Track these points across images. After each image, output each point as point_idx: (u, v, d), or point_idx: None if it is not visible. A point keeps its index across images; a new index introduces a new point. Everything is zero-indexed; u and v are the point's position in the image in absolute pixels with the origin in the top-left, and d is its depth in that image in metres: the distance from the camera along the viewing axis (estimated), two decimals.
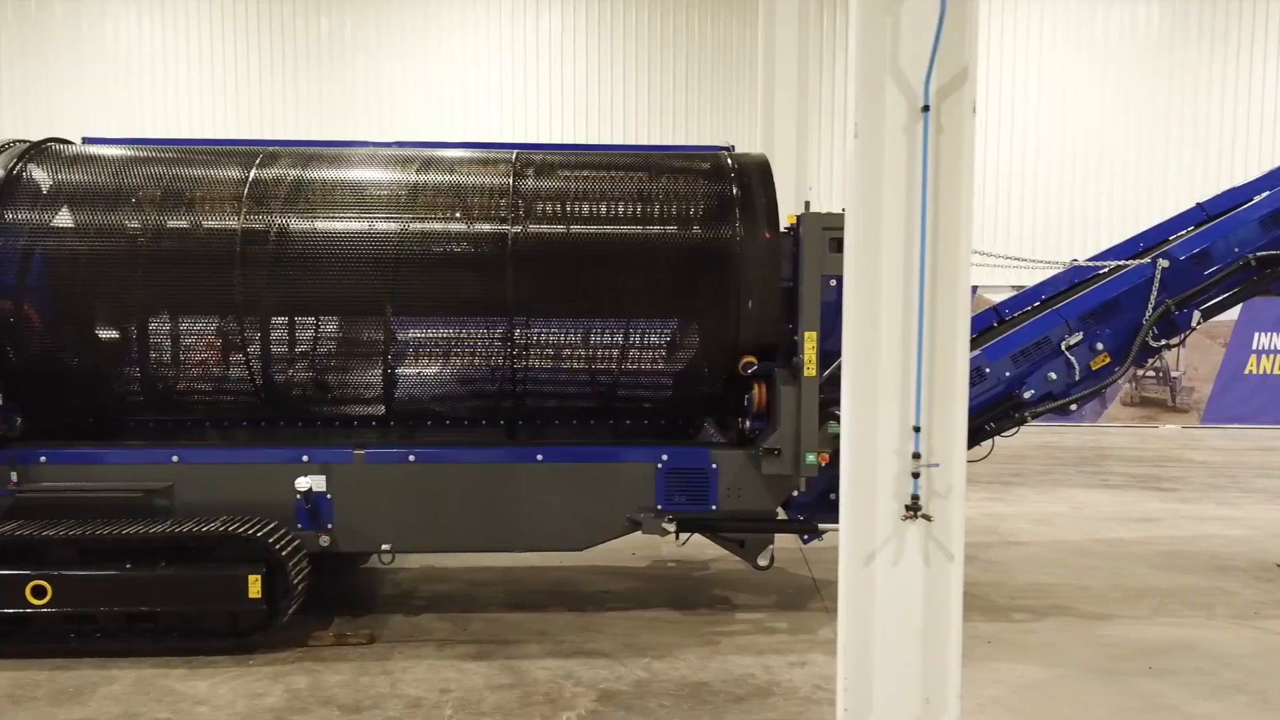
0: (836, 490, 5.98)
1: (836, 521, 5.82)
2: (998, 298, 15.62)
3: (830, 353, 5.58)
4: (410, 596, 6.52)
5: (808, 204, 5.69)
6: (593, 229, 5.87)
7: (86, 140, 6.51)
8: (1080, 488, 10.47)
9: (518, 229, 5.72)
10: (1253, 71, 15.64)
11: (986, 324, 6.48)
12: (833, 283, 5.60)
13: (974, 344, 6.10)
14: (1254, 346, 15.38)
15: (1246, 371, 15.44)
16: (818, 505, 6.12)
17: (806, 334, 5.52)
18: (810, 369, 5.53)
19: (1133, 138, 15.75)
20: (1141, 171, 15.78)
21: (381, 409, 6.09)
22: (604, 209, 5.92)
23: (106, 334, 5.87)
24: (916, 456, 3.94)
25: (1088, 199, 15.86)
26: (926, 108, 3.84)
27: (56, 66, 15.69)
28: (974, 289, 15.40)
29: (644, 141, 15.52)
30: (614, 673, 5.17)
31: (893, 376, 3.95)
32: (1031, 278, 6.89)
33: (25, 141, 6.06)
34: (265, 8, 15.71)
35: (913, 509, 3.94)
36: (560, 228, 5.84)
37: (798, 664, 5.30)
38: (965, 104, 3.85)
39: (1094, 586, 6.80)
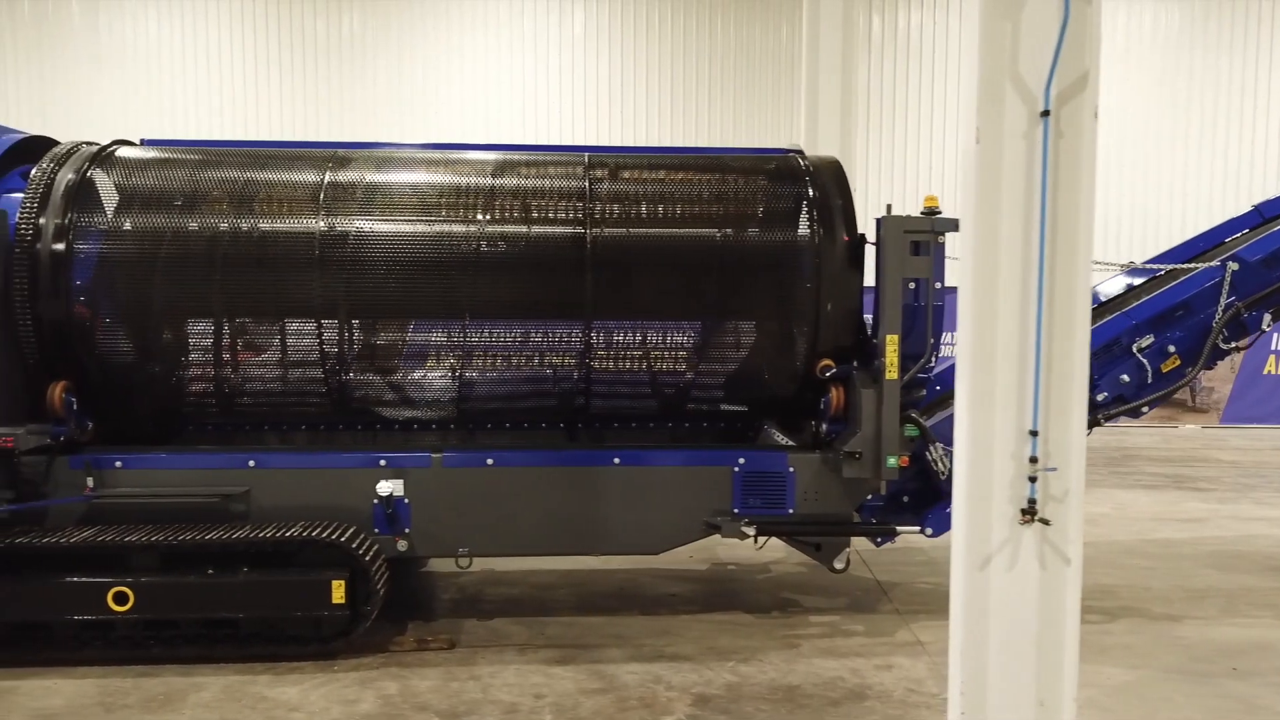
0: (909, 493, 6.13)
1: (912, 524, 5.99)
2: None
3: (907, 356, 5.62)
4: (478, 600, 6.50)
5: (889, 207, 5.69)
6: (671, 231, 5.87)
7: (145, 142, 6.47)
8: (1117, 488, 10.50)
9: (595, 231, 5.71)
10: (1272, 74, 15.71)
11: None
12: (911, 285, 5.63)
13: None
14: (1273, 346, 15.44)
15: (1265, 371, 15.52)
16: (889, 508, 6.14)
17: (888, 337, 5.52)
18: (892, 372, 5.53)
19: (1152, 139, 15.80)
20: (1163, 172, 15.83)
21: (454, 412, 6.08)
22: (681, 211, 5.93)
23: (181, 338, 5.83)
24: (1034, 460, 3.94)
25: (1108, 200, 15.89)
26: (1046, 112, 3.84)
27: (74, 67, 15.57)
28: None
29: (664, 141, 15.51)
30: (702, 676, 5.16)
31: (1009, 380, 3.95)
32: None
33: (92, 144, 6.02)
34: (286, 8, 15.63)
35: (1029, 513, 3.94)
36: (638, 230, 5.83)
37: (884, 667, 5.31)
38: (1086, 109, 3.85)
39: (1157, 587, 6.82)
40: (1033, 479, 3.94)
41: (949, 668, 4.14)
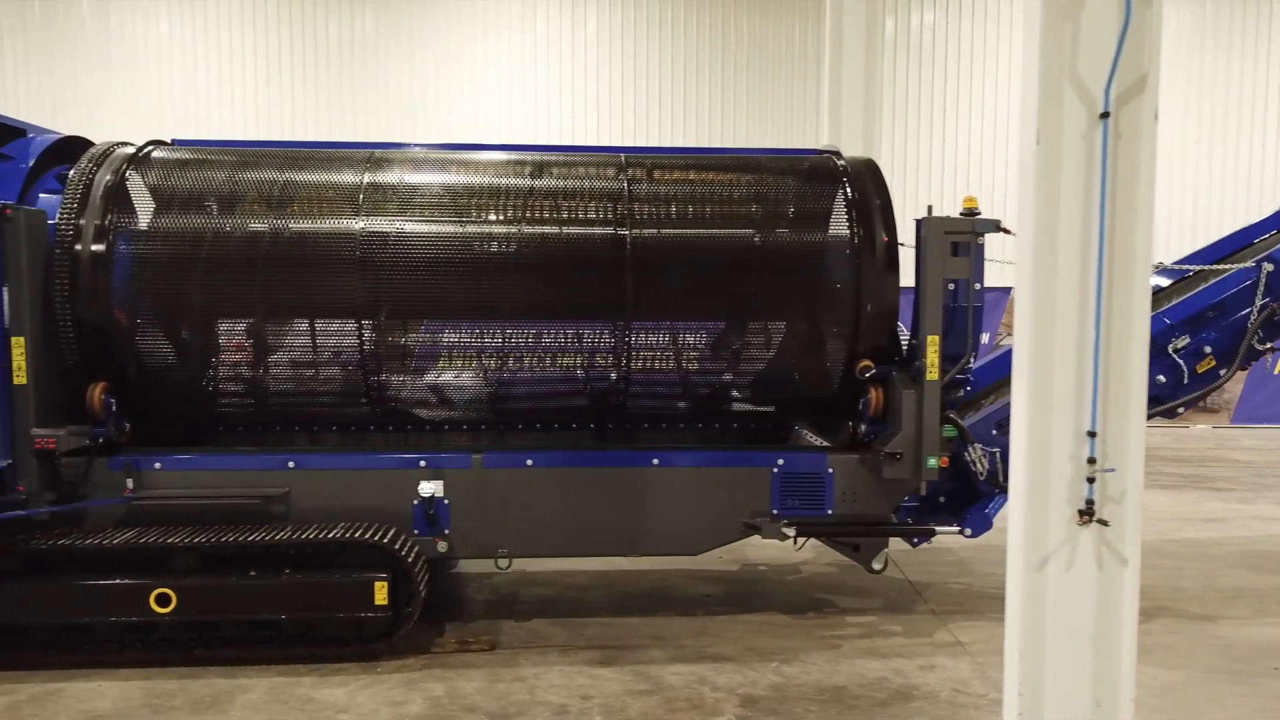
0: (945, 493, 6.13)
1: (949, 524, 6.00)
2: None
3: (946, 356, 5.63)
4: (513, 601, 6.49)
5: (930, 208, 5.70)
6: (710, 232, 5.87)
7: (176, 142, 6.45)
8: None
9: (635, 232, 5.70)
10: None
11: None
12: (951, 286, 5.64)
13: None
14: None
15: (1276, 372, 15.56)
16: (923, 508, 6.15)
17: (929, 338, 5.52)
18: (933, 372, 5.53)
19: (1165, 140, 15.81)
20: (1174, 173, 15.87)
21: (490, 412, 6.08)
22: (720, 212, 5.93)
23: (221, 339, 5.82)
24: (1092, 461, 3.95)
25: None
26: (1106, 114, 3.85)
27: (85, 68, 15.56)
28: (1008, 290, 15.31)
29: (678, 141, 15.51)
30: (746, 677, 5.16)
31: (1068, 381, 3.96)
32: None
33: (128, 144, 6.00)
34: (297, 10, 15.62)
35: (1087, 514, 3.95)
36: (677, 231, 5.82)
37: (926, 668, 5.31)
38: (1146, 111, 3.87)
39: (1188, 587, 6.84)
40: (1091, 480, 3.96)
41: (1005, 668, 4.14)
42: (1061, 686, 4.05)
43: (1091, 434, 3.94)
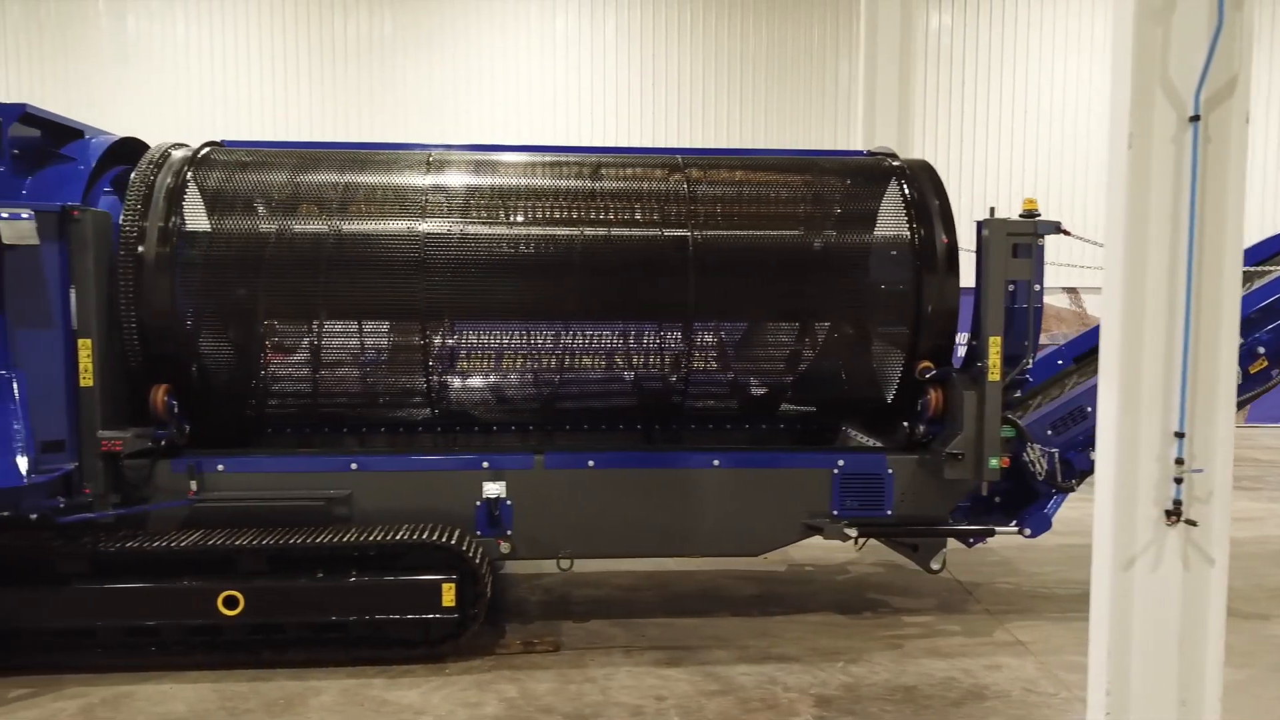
0: (1000, 493, 6.16)
1: (1006, 524, 6.03)
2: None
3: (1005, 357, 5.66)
4: (567, 602, 6.50)
5: (992, 210, 5.72)
6: (771, 233, 5.90)
7: (226, 144, 6.44)
8: None
9: (697, 233, 5.72)
10: None
11: None
12: (1010, 288, 5.67)
13: None
14: None
15: None
16: (976, 508, 6.18)
17: (991, 339, 5.55)
18: (995, 373, 5.56)
19: None
20: None
21: (549, 413, 6.10)
22: (780, 213, 5.95)
23: (282, 340, 5.83)
24: (1179, 462, 3.97)
25: None
26: (1196, 117, 3.87)
27: (99, 69, 15.50)
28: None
29: (695, 142, 15.51)
30: (815, 678, 5.18)
31: (1156, 383, 3.98)
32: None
33: (184, 146, 5.99)
34: (315, 10, 15.59)
35: (1175, 514, 3.98)
36: (739, 232, 5.85)
37: (992, 668, 5.34)
38: (1235, 114, 3.89)
39: (1237, 586, 6.73)
40: (1178, 480, 3.98)
41: (1090, 667, 4.16)
42: (1148, 686, 4.07)
43: (1179, 435, 3.96)
